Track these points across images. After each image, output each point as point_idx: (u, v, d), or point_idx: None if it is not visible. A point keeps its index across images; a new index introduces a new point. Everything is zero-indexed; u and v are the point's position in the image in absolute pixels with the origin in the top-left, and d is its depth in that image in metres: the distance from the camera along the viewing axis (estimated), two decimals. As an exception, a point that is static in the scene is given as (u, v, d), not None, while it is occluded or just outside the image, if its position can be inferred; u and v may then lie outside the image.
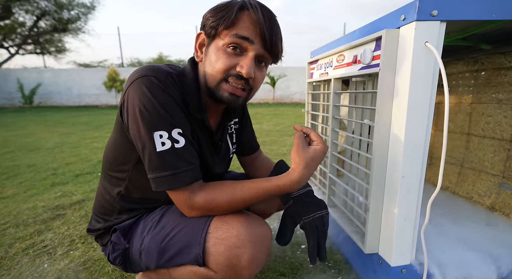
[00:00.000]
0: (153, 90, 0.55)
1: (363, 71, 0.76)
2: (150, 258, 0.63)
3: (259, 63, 0.63)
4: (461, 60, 1.14)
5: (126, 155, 0.64)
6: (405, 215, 0.71)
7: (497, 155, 1.01)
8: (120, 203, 0.69)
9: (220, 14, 0.57)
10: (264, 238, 0.60)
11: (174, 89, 0.58)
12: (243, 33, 0.57)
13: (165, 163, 0.56)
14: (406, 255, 0.74)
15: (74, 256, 1.04)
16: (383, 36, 0.66)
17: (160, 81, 0.56)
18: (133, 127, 0.57)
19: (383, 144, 0.72)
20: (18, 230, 1.24)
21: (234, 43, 0.57)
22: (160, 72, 0.57)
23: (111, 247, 0.68)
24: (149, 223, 0.67)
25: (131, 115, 0.56)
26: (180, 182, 0.57)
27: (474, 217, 0.99)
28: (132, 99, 0.56)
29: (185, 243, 0.59)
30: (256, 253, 0.57)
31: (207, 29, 0.60)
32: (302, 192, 0.69)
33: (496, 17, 0.60)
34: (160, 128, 0.55)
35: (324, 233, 0.66)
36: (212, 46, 0.60)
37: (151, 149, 0.55)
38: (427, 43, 0.61)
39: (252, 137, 0.93)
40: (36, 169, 2.22)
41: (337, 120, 0.99)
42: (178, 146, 0.56)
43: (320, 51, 1.11)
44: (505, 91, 0.97)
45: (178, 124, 0.57)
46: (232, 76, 0.59)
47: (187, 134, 0.58)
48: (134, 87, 0.55)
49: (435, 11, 0.59)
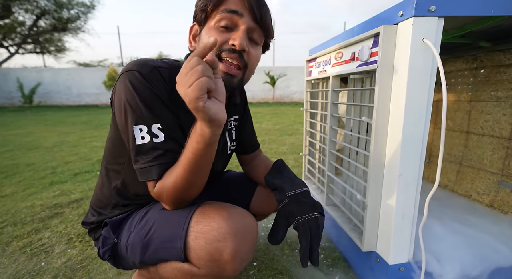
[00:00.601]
0: (135, 84, 0.55)
1: (361, 68, 0.75)
2: (134, 253, 0.63)
3: (251, 41, 0.62)
4: (460, 57, 1.13)
5: (121, 148, 0.64)
6: (403, 213, 0.70)
7: (496, 153, 1.01)
8: (115, 198, 0.69)
9: None
10: (247, 231, 0.59)
11: (159, 83, 0.58)
12: (231, 7, 0.57)
13: (143, 155, 0.57)
14: (404, 253, 0.74)
15: (71, 254, 1.04)
16: (381, 32, 0.66)
17: (142, 75, 0.56)
18: (119, 120, 0.59)
19: (381, 141, 0.71)
20: (16, 229, 1.24)
21: (224, 18, 0.57)
22: (145, 66, 0.57)
23: (101, 242, 0.68)
24: (136, 218, 0.67)
25: (117, 108, 0.58)
26: (152, 175, 0.57)
27: (473, 215, 0.99)
28: (118, 93, 0.57)
29: (167, 237, 0.59)
30: (239, 246, 0.55)
31: (198, 16, 0.61)
32: (298, 191, 0.68)
33: (494, 13, 0.59)
34: (140, 122, 0.56)
35: (317, 236, 0.64)
36: (204, 29, 0.60)
37: (132, 142, 0.57)
38: (425, 39, 0.60)
39: (252, 136, 0.93)
40: (35, 168, 2.22)
41: (335, 118, 0.98)
42: (157, 140, 0.57)
43: (318, 49, 1.10)
44: (504, 88, 0.96)
45: (158, 119, 0.57)
46: (225, 51, 0.58)
47: (167, 129, 0.58)
48: (120, 81, 0.57)
49: (433, 6, 0.59)
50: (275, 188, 0.72)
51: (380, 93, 0.68)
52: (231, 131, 0.82)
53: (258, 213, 0.91)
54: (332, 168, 1.03)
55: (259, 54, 0.66)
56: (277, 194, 0.70)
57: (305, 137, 1.27)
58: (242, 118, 0.87)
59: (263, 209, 0.90)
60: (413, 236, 0.73)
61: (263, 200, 0.88)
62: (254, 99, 10.98)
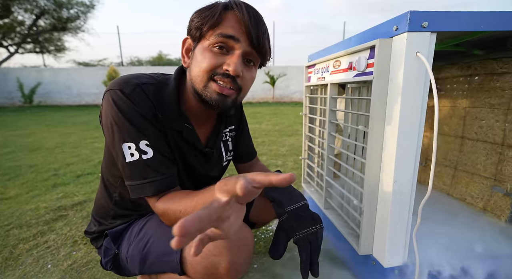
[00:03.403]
0: (119, 103, 0.56)
1: (358, 78, 0.78)
2: (133, 264, 0.64)
3: (247, 63, 0.61)
4: (455, 64, 1.16)
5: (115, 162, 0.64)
6: (397, 218, 0.73)
7: (489, 158, 1.04)
8: (114, 209, 0.71)
9: (204, 14, 0.57)
10: (243, 244, 0.59)
11: (142, 101, 0.58)
12: (228, 31, 0.56)
13: (134, 173, 0.58)
14: (399, 256, 0.77)
15: (77, 257, 1.07)
16: (377, 45, 0.68)
17: (124, 94, 0.57)
18: (107, 138, 0.60)
19: (376, 149, 0.74)
20: (22, 231, 1.26)
21: (220, 42, 0.56)
22: (128, 85, 0.58)
23: (103, 252, 0.70)
24: (135, 230, 0.68)
25: (104, 126, 0.59)
26: (146, 192, 0.58)
27: (467, 219, 1.02)
28: (104, 111, 0.59)
29: (163, 251, 0.60)
30: (234, 259, 0.56)
31: (192, 32, 0.59)
32: (297, 206, 0.68)
33: (484, 28, 0.62)
34: (127, 140, 0.57)
35: (317, 248, 0.65)
36: (198, 47, 0.59)
37: (122, 159, 0.58)
38: (418, 53, 0.63)
39: (249, 144, 0.92)
40: (38, 170, 2.25)
41: (333, 124, 1.01)
42: (146, 157, 0.58)
43: (317, 56, 1.13)
44: (497, 96, 0.99)
45: (144, 136, 0.58)
46: (219, 75, 0.57)
47: (155, 145, 0.59)
48: (105, 99, 0.58)
49: (425, 22, 0.62)
50: (274, 200, 0.72)
51: (375, 103, 0.71)
52: (227, 143, 0.82)
53: (258, 221, 0.91)
54: (330, 173, 1.06)
55: (254, 75, 0.65)
56: (276, 207, 0.70)
57: (304, 141, 1.30)
58: (238, 128, 0.87)
59: (263, 218, 0.90)
60: (407, 240, 0.76)
61: (263, 209, 0.87)
62: (254, 99, 11.00)
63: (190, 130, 0.66)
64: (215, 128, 0.75)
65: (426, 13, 0.61)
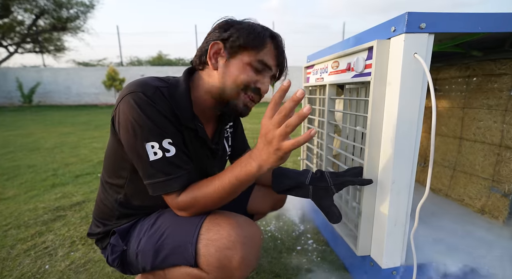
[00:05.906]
0: (142, 105, 0.59)
1: (356, 79, 0.78)
2: (146, 258, 0.65)
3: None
4: (454, 65, 1.16)
5: (123, 163, 0.67)
6: (395, 219, 0.73)
7: (487, 159, 1.04)
8: (119, 210, 0.72)
9: (252, 36, 0.64)
10: (254, 239, 0.62)
11: (162, 102, 0.62)
12: (268, 61, 0.66)
13: (158, 170, 0.61)
14: (396, 257, 0.77)
15: (74, 257, 1.07)
16: (374, 46, 0.68)
17: (147, 96, 0.59)
18: (126, 140, 0.61)
19: (374, 150, 0.74)
20: (20, 232, 1.26)
21: (256, 66, 0.65)
22: (148, 87, 0.61)
23: (110, 249, 0.71)
24: (145, 225, 0.69)
25: (123, 128, 0.60)
26: (173, 187, 0.61)
27: (465, 220, 1.02)
28: (123, 113, 0.59)
29: (178, 243, 0.62)
30: (247, 254, 0.59)
31: (231, 43, 0.64)
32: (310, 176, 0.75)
33: (481, 30, 0.62)
34: (151, 139, 0.59)
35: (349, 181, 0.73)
36: (236, 60, 0.65)
37: (145, 159, 0.60)
38: (416, 54, 0.63)
39: (244, 140, 0.97)
40: (36, 170, 2.24)
41: (332, 125, 1.01)
42: (169, 155, 0.61)
43: (316, 56, 1.13)
44: (495, 97, 0.99)
45: (167, 135, 0.61)
46: (250, 90, 0.67)
47: (177, 143, 0.62)
48: (124, 102, 0.59)
49: (423, 24, 0.62)
50: (290, 189, 0.76)
51: (374, 104, 0.71)
52: (228, 138, 0.87)
53: (256, 212, 0.96)
54: (328, 174, 1.06)
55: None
56: (299, 191, 0.75)
57: (303, 142, 1.30)
58: (234, 123, 0.92)
59: (260, 208, 0.96)
60: (405, 241, 0.76)
61: (260, 200, 0.95)
62: (253, 99, 10.98)
63: (202, 129, 0.70)
64: (218, 126, 0.79)
65: (424, 15, 0.61)
